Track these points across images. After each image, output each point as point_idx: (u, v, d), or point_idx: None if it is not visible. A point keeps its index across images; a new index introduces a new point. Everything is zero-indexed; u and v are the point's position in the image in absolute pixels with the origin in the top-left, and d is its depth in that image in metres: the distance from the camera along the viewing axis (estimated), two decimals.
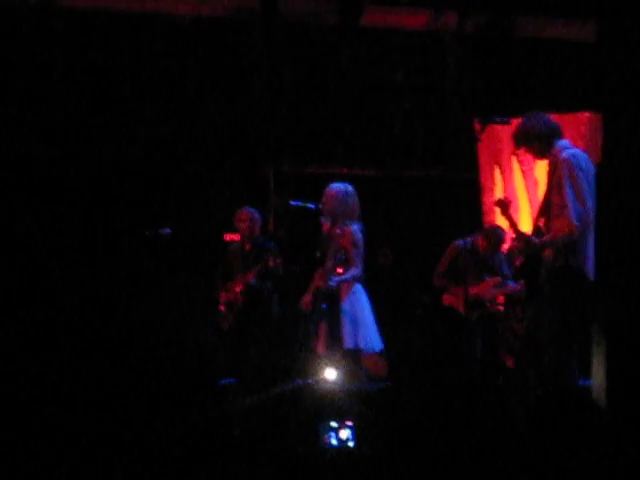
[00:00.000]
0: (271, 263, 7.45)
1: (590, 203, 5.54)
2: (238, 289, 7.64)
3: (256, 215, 7.76)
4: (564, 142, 5.75)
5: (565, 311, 5.56)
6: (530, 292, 5.94)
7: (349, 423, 4.20)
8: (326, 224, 6.89)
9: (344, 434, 4.22)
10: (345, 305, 6.77)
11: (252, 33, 8.55)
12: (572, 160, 5.58)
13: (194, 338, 7.52)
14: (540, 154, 5.82)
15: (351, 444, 4.22)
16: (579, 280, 5.58)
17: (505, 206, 6.02)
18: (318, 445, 4.26)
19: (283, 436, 4.42)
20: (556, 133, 5.76)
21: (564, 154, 5.62)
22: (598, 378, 5.60)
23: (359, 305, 6.82)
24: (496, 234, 7.78)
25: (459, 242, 7.78)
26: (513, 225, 5.94)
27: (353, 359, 6.74)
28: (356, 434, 4.14)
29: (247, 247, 7.78)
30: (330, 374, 6.19)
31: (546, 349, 5.62)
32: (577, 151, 5.72)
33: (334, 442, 4.21)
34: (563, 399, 5.08)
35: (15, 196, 7.99)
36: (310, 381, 5.94)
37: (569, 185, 5.51)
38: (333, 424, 4.26)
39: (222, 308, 7.74)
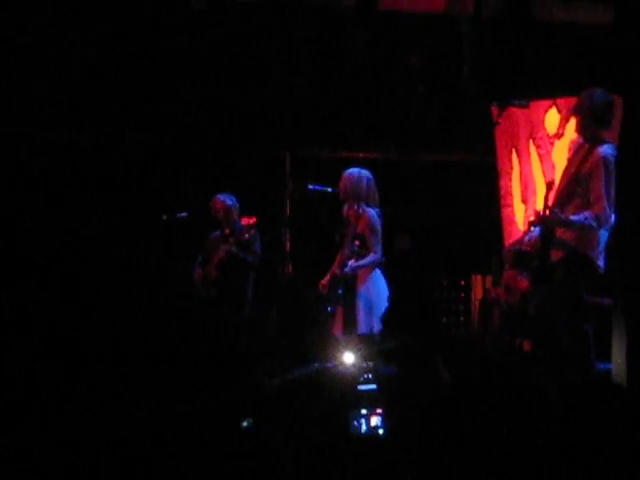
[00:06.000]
0: (246, 236, 7.59)
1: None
2: (217, 259, 7.76)
3: (229, 202, 7.82)
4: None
5: (577, 296, 5.58)
6: (541, 273, 5.89)
7: (379, 410, 4.23)
8: (345, 209, 6.91)
9: (374, 421, 4.25)
10: (362, 290, 6.79)
11: (269, 16, 8.55)
12: (611, 160, 5.55)
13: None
14: (584, 132, 5.72)
15: (381, 431, 4.25)
16: (592, 269, 5.61)
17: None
18: (347, 432, 4.29)
19: (308, 421, 4.43)
20: (610, 123, 5.73)
21: (605, 149, 5.58)
22: (618, 361, 5.62)
23: (375, 290, 6.81)
24: None
25: None
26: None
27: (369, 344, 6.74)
28: (384, 421, 4.16)
29: (226, 232, 7.86)
30: (348, 358, 6.19)
31: (561, 331, 5.64)
32: (613, 148, 5.67)
33: (364, 429, 4.24)
34: (584, 382, 5.08)
35: (36, 181, 8.06)
36: (329, 365, 5.94)
37: (605, 185, 5.51)
38: (363, 411, 4.29)
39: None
